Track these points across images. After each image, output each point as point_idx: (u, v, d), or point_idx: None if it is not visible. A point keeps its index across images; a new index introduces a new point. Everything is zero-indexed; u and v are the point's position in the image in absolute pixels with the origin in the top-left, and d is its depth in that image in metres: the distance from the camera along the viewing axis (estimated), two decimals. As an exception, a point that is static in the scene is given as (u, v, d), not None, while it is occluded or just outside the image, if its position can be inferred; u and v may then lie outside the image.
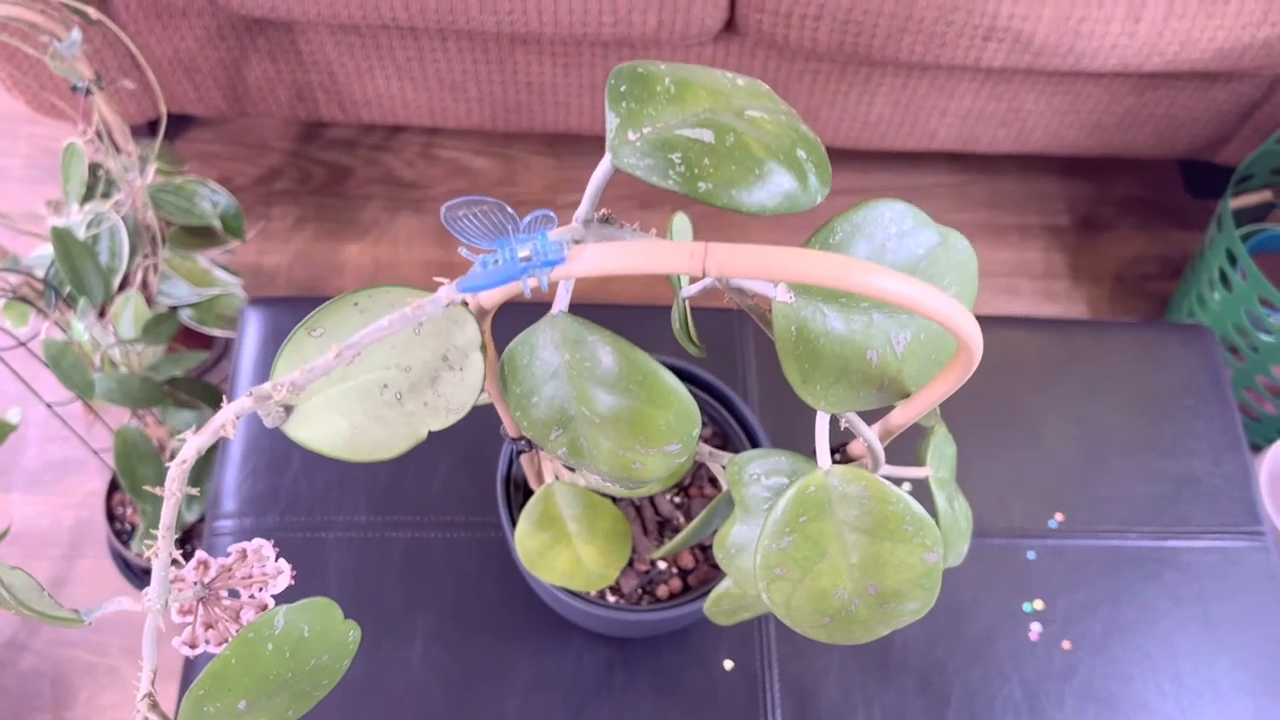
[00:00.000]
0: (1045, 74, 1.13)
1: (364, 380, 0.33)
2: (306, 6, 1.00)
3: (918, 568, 0.39)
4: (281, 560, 0.40)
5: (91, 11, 0.82)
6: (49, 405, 0.85)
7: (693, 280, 0.43)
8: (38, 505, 1.14)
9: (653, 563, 0.64)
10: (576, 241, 0.32)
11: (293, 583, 0.40)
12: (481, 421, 0.77)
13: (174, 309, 1.02)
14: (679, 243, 0.29)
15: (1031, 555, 0.75)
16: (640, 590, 0.63)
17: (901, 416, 0.40)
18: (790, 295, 0.35)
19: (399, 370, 0.33)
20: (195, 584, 0.39)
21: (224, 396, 0.77)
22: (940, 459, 0.46)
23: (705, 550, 0.64)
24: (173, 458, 1.04)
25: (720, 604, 0.50)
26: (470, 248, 0.30)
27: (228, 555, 0.41)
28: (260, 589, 0.40)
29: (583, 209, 0.32)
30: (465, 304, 0.34)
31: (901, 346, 0.37)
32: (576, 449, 0.35)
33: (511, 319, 0.49)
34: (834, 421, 0.41)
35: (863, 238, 0.36)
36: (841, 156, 1.41)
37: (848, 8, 1.01)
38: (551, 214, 0.30)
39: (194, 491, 0.32)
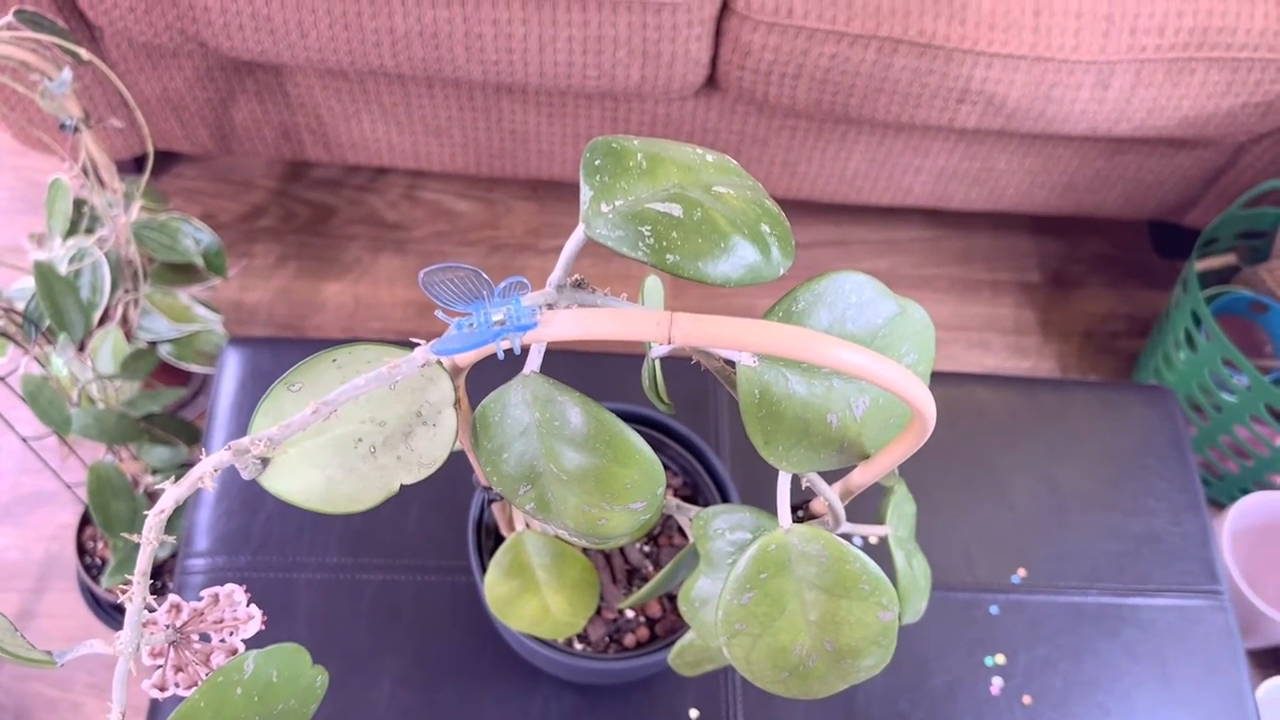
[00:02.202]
0: (1017, 136, 1.16)
1: (339, 434, 0.34)
2: (296, 51, 1.02)
3: (874, 625, 0.40)
4: (252, 606, 0.41)
5: (83, 52, 0.84)
6: (24, 440, 0.85)
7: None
8: (8, 537, 1.14)
9: (620, 611, 0.64)
10: (549, 306, 0.34)
11: (263, 627, 0.41)
12: (455, 466, 0.78)
13: (153, 344, 1.03)
14: (646, 311, 0.31)
15: (994, 610, 0.76)
16: (608, 638, 0.64)
17: (861, 477, 0.41)
18: (754, 360, 0.36)
19: (374, 424, 0.35)
20: (167, 627, 0.40)
21: (200, 436, 0.78)
22: (900, 517, 0.47)
23: (673, 599, 0.65)
24: (147, 493, 1.05)
25: (684, 656, 0.51)
26: (447, 310, 0.32)
27: (199, 599, 0.41)
28: (231, 633, 0.41)
29: (556, 275, 0.34)
30: (440, 362, 0.35)
31: (861, 410, 0.39)
32: (544, 504, 0.36)
33: (486, 374, 0.51)
34: (796, 480, 0.42)
35: (824, 306, 0.37)
36: (818, 210, 1.44)
37: (825, 67, 1.03)
38: (525, 280, 0.31)
39: (169, 539, 0.33)
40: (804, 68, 1.04)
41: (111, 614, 1.10)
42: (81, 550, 1.08)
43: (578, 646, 0.63)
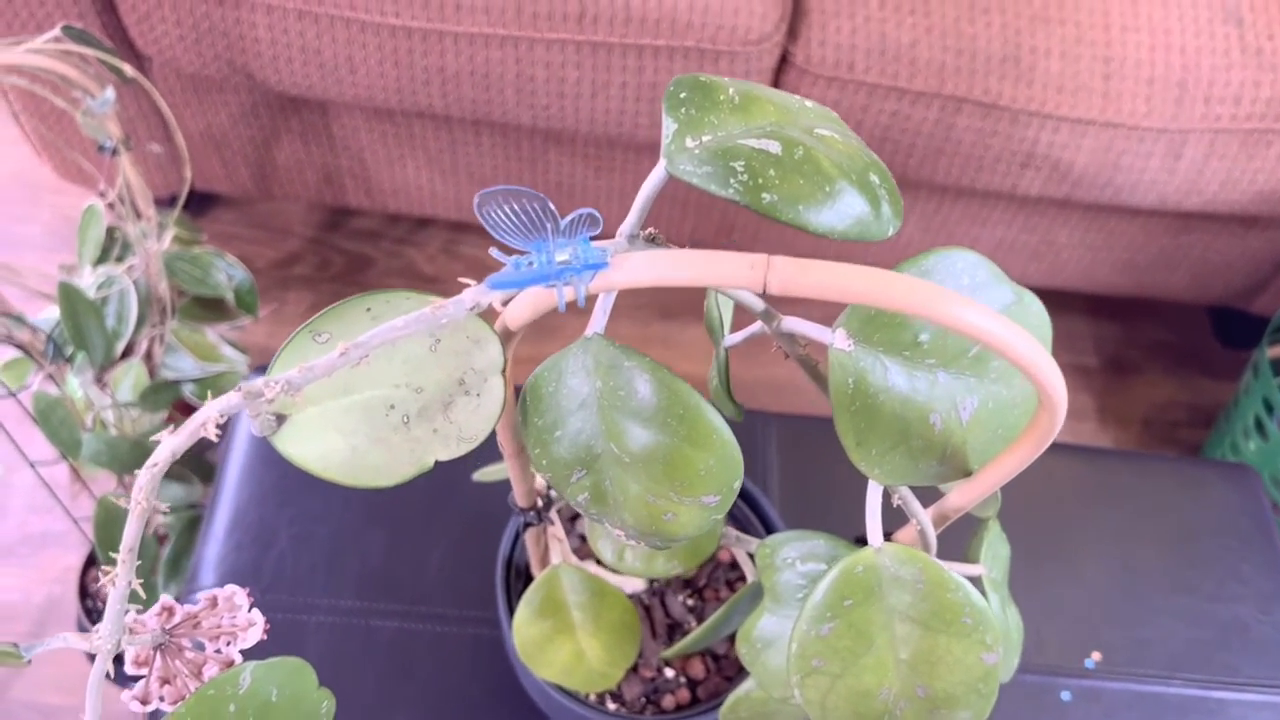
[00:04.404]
0: (1081, 207, 1.12)
1: (369, 397, 0.29)
2: (344, 87, 1.00)
3: (975, 669, 0.34)
4: (255, 611, 0.35)
5: (128, 69, 0.82)
6: (32, 464, 0.81)
7: (739, 325, 0.39)
8: (9, 578, 1.09)
9: (659, 669, 0.58)
10: (620, 256, 0.29)
11: (265, 636, 0.35)
12: (482, 503, 0.72)
13: (176, 382, 0.99)
14: (738, 254, 0.26)
15: (1066, 696, 0.69)
16: (644, 699, 0.58)
17: (961, 498, 0.36)
18: (849, 343, 0.31)
19: (409, 390, 0.30)
20: (156, 630, 0.35)
21: (215, 470, 0.72)
22: (994, 559, 0.42)
23: (719, 660, 0.59)
24: (156, 534, 0.99)
25: (738, 711, 0.45)
26: (502, 245, 0.27)
27: (196, 602, 0.36)
28: (229, 643, 0.36)
29: (628, 223, 0.29)
30: (490, 323, 0.30)
31: (968, 414, 0.34)
32: (600, 495, 0.31)
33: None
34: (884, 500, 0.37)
35: (931, 287, 0.32)
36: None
37: (885, 125, 1.00)
38: (596, 214, 0.27)
39: (164, 507, 0.28)
40: (863, 124, 1.00)
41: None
42: (84, 593, 1.03)
43: (611, 707, 0.57)
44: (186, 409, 1.09)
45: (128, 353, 0.96)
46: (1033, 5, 0.98)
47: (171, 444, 0.26)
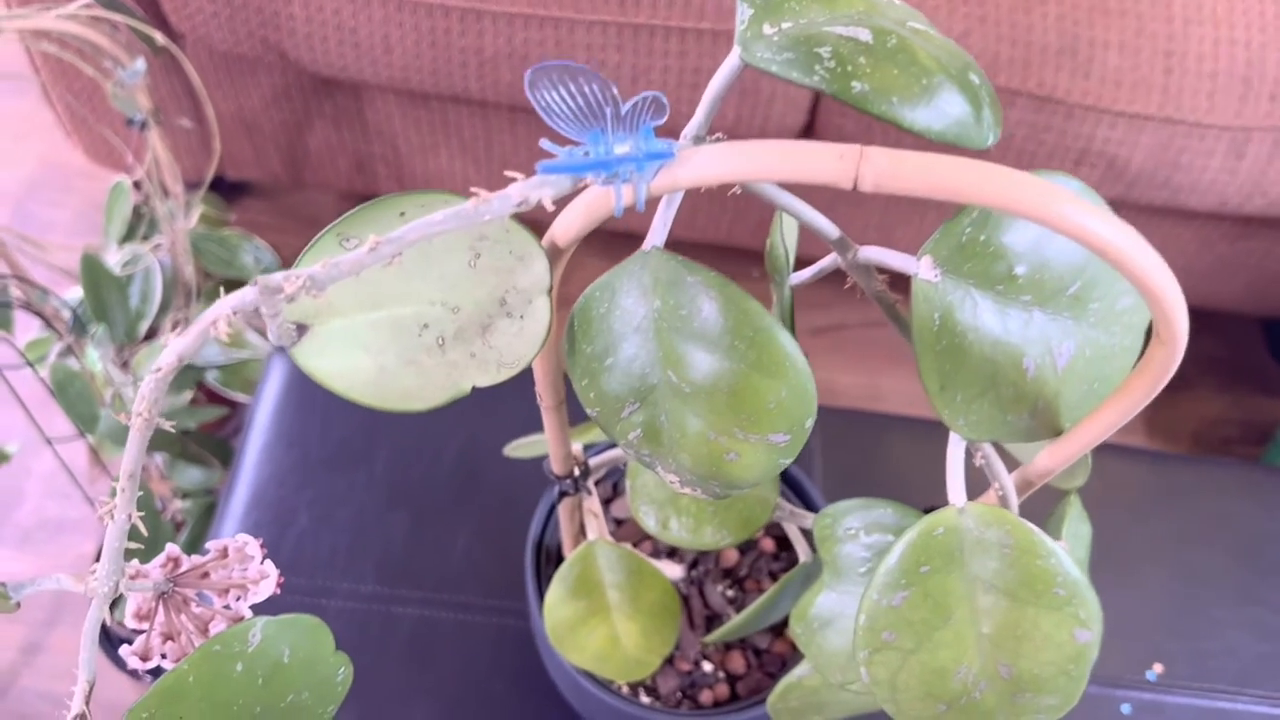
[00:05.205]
0: (1135, 208, 1.08)
1: (400, 313, 0.26)
2: (379, 68, 0.98)
3: (1066, 647, 0.30)
4: (268, 563, 0.32)
5: (159, 36, 0.80)
6: (49, 440, 0.78)
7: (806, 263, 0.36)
8: (25, 564, 1.07)
9: (696, 662, 0.55)
10: (685, 159, 0.26)
11: (278, 590, 0.32)
12: (512, 485, 0.69)
13: (200, 368, 0.97)
14: (826, 144, 0.23)
15: (1126, 709, 0.65)
16: (680, 693, 0.54)
17: (1052, 458, 0.32)
18: (936, 273, 0.28)
19: (445, 309, 0.27)
20: (160, 580, 0.32)
21: (234, 453, 0.70)
22: (1075, 537, 0.38)
23: (760, 654, 0.55)
24: (173, 520, 0.97)
25: (788, 699, 0.41)
26: (554, 134, 0.24)
27: (205, 553, 0.33)
28: (238, 598, 0.32)
29: (694, 123, 0.26)
30: (536, 238, 0.27)
31: (1064, 360, 0.30)
32: (654, 432, 0.28)
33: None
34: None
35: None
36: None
37: (935, 117, 0.97)
38: (663, 99, 0.23)
39: (169, 425, 0.25)
40: (911, 116, 0.97)
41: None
42: (99, 581, 1.00)
43: (644, 700, 0.53)
44: (211, 396, 1.06)
45: (151, 336, 0.94)
46: (1091, -5, 0.94)
47: (179, 346, 0.23)
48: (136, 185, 0.95)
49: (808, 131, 1.04)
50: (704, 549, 0.42)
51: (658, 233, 0.26)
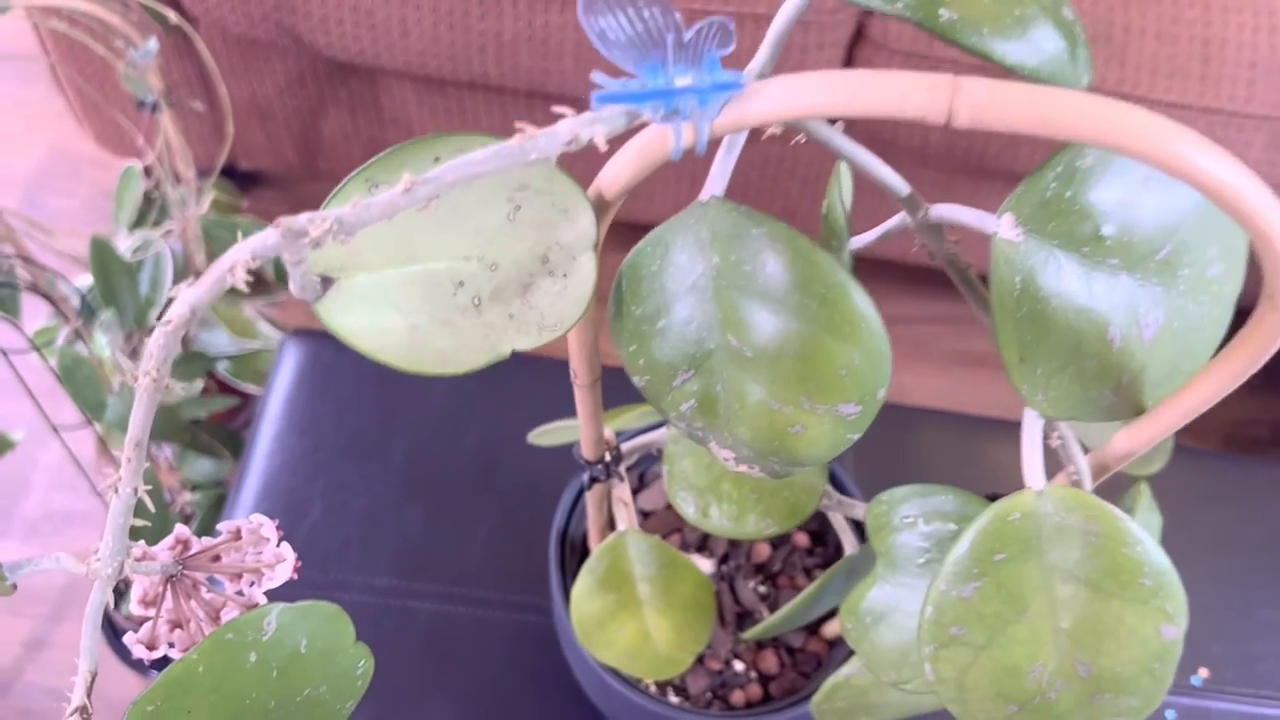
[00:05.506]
0: (1168, 202, 1.05)
1: (433, 269, 0.24)
2: (395, 52, 0.96)
3: (1151, 644, 0.28)
4: (285, 545, 0.30)
5: (172, 15, 0.77)
6: (55, 428, 0.76)
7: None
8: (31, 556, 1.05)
9: (727, 661, 0.52)
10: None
11: (295, 575, 0.30)
12: (534, 475, 0.67)
13: (211, 358, 0.95)
14: (915, 74, 0.20)
15: (1171, 715, 0.62)
16: (710, 694, 0.52)
17: (1133, 440, 0.30)
18: (1017, 232, 0.26)
19: (482, 266, 0.24)
20: (168, 562, 0.29)
21: (245, 444, 0.67)
22: (1146, 528, 0.35)
23: (793, 653, 0.53)
24: (182, 512, 0.95)
25: (834, 700, 0.39)
26: (609, 68, 0.22)
27: (217, 534, 0.31)
28: (252, 583, 0.30)
29: (758, 60, 0.24)
30: (581, 188, 0.25)
31: (1151, 331, 0.28)
32: (709, 403, 0.25)
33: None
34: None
35: (1114, 171, 0.27)
36: (931, 280, 1.33)
37: (965, 105, 0.94)
38: (729, 24, 0.21)
39: (179, 387, 0.23)
40: (941, 104, 0.95)
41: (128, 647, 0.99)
42: (106, 574, 0.98)
43: (673, 700, 0.51)
44: (222, 387, 1.04)
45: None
46: (1128, -20, 0.92)
47: (191, 296, 0.20)
48: (147, 171, 0.93)
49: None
50: (746, 538, 0.40)
51: (717, 180, 0.24)
